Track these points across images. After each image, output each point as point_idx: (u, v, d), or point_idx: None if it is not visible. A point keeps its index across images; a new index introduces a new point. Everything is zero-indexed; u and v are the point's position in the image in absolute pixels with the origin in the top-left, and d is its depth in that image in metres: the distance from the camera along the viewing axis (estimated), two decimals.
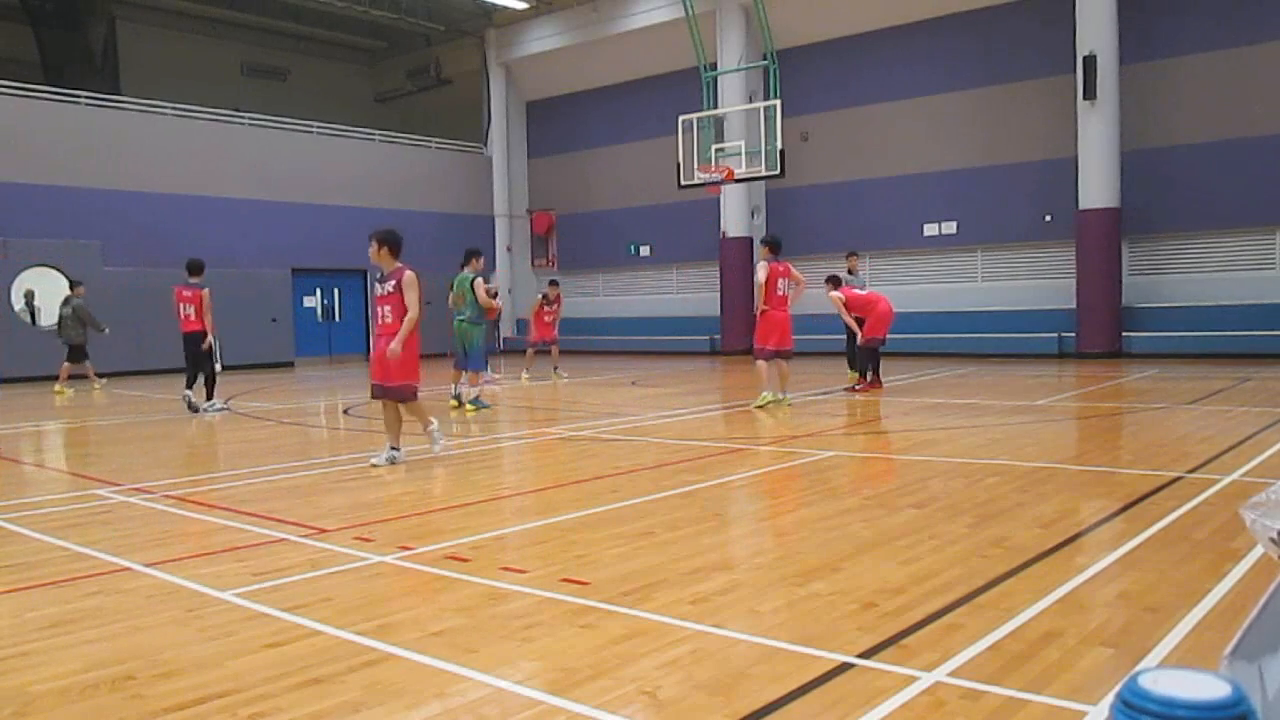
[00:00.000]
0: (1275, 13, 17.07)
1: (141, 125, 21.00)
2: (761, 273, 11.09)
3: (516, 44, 26.53)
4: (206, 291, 12.13)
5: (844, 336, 13.89)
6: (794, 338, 11.63)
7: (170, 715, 2.88)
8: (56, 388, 16.22)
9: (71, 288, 16.82)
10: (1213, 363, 16.19)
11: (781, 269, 11.24)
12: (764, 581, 4.17)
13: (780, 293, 11.21)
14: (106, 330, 16.73)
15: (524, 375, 16.56)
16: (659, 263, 25.68)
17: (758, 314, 11.30)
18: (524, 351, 17.82)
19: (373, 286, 8.17)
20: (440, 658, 3.29)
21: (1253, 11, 17.27)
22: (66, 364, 16.38)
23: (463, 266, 11.87)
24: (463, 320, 11.73)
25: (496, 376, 15.71)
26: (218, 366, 12.79)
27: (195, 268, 12.31)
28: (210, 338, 12.12)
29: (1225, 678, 1.10)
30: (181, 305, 12.20)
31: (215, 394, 12.52)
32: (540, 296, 17.15)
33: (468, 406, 11.65)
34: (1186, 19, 17.88)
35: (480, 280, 11.73)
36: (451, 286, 11.94)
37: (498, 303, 13.10)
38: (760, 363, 11.33)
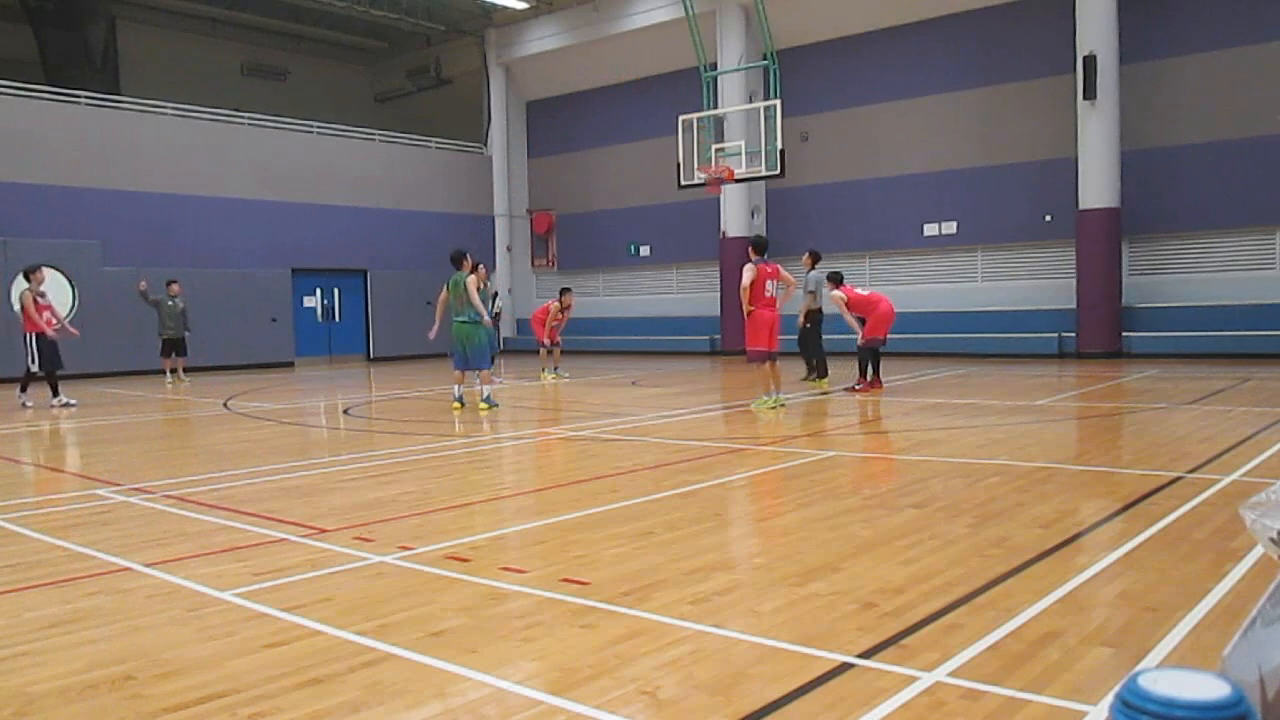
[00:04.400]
0: (1275, 13, 17.08)
1: (141, 125, 20.99)
2: (747, 276, 10.99)
3: (516, 44, 26.53)
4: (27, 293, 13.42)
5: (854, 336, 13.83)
6: (780, 338, 11.62)
7: (170, 715, 2.88)
8: (170, 382, 17.59)
9: (168, 285, 17.81)
10: (1213, 363, 16.20)
11: (770, 270, 11.17)
12: (764, 581, 4.17)
13: (769, 294, 11.16)
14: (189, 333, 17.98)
15: (546, 375, 16.51)
16: (659, 263, 25.68)
17: (745, 315, 11.26)
18: (537, 352, 17.71)
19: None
20: (440, 658, 3.29)
21: (1253, 11, 17.27)
22: (176, 357, 17.76)
23: (456, 268, 11.78)
24: (463, 321, 11.67)
25: (498, 381, 15.66)
26: (33, 367, 13.64)
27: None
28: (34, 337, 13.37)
29: (1225, 678, 1.10)
30: (47, 311, 13.53)
31: (28, 390, 13.69)
32: (556, 302, 17.01)
33: (480, 404, 11.67)
34: (1186, 19, 17.88)
35: (473, 279, 11.63)
36: (446, 288, 11.86)
37: (497, 305, 13.22)
38: (764, 365, 11.27)
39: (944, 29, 20.58)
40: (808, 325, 13.98)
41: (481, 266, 15.09)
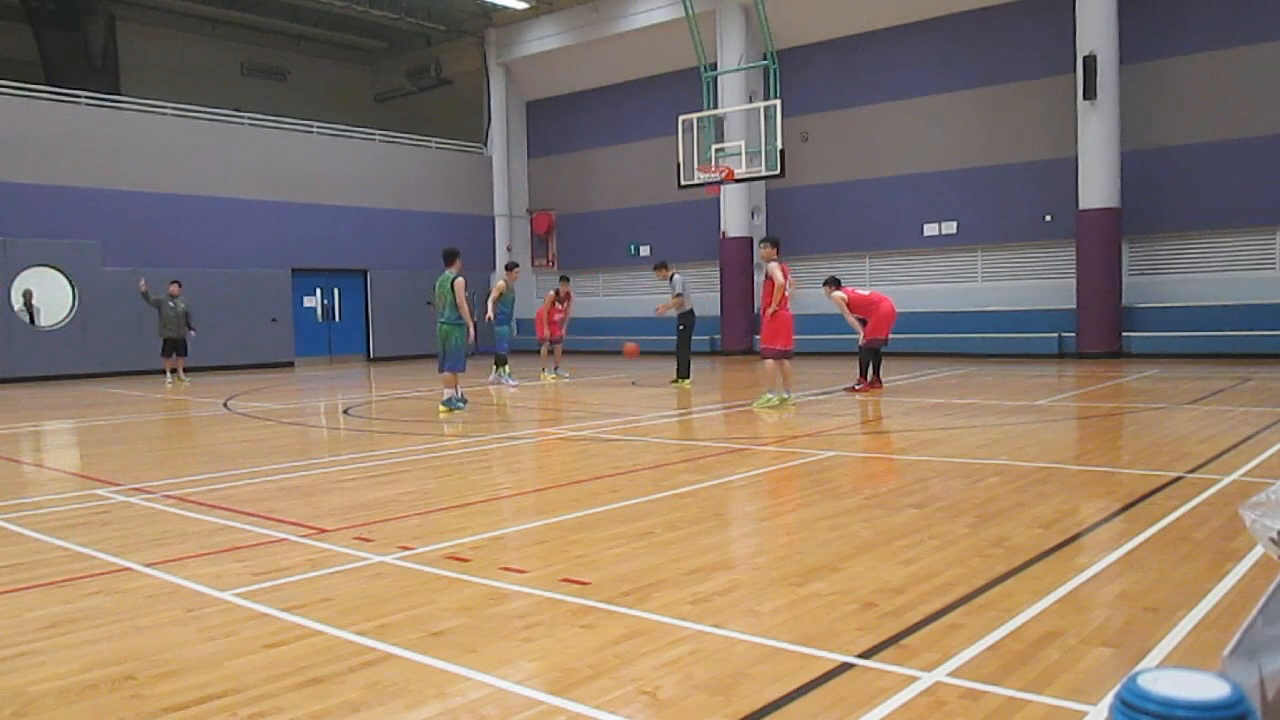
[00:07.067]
0: (1275, 13, 17.08)
1: (141, 125, 20.99)
2: (779, 273, 11.07)
3: (516, 44, 26.53)
4: None
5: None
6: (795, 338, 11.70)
7: (170, 715, 2.88)
8: (170, 382, 17.45)
9: (170, 285, 17.72)
10: (1213, 363, 16.20)
11: (785, 268, 11.27)
12: (764, 581, 4.17)
13: (787, 293, 11.23)
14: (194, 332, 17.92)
15: (546, 375, 16.53)
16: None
17: (768, 315, 11.26)
18: (537, 352, 17.80)
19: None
20: (440, 658, 3.29)
21: (1253, 11, 17.27)
22: (176, 357, 17.64)
23: (446, 266, 11.68)
24: (443, 322, 11.55)
25: (513, 384, 15.59)
26: None
27: None
28: None
29: (1225, 678, 1.10)
30: None
31: None
32: (552, 293, 17.05)
33: (440, 408, 11.49)
34: (1186, 19, 17.88)
35: (461, 281, 11.42)
36: (434, 288, 11.78)
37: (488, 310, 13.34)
38: (769, 362, 11.31)
39: (944, 29, 20.57)
40: (681, 327, 14.71)
41: (516, 268, 16.15)
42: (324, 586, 4.23)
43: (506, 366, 15.98)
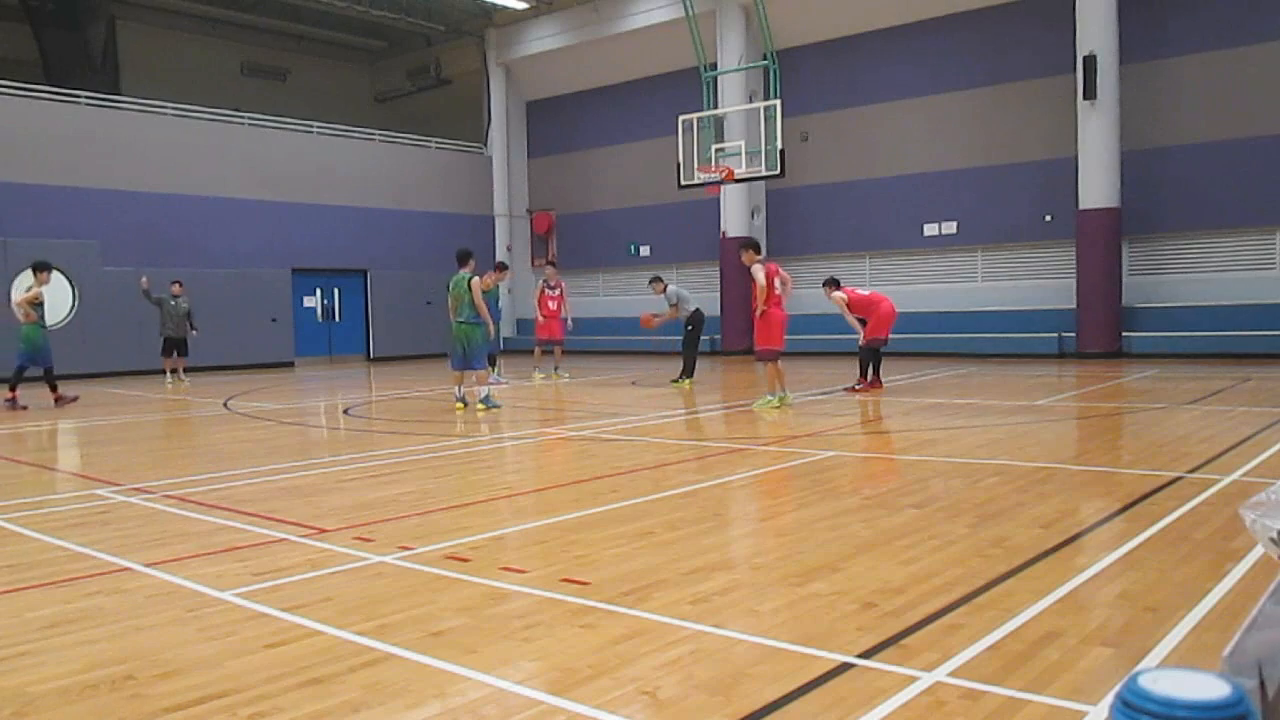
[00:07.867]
0: (1275, 13, 17.08)
1: (141, 125, 20.99)
2: (761, 274, 11.09)
3: (516, 44, 26.53)
4: None
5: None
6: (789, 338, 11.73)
7: (170, 715, 2.88)
8: (170, 382, 17.48)
9: (172, 285, 17.74)
10: (1213, 363, 16.20)
11: (772, 268, 11.28)
12: (764, 581, 4.17)
13: (776, 292, 11.25)
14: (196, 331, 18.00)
15: (536, 374, 16.56)
16: (659, 263, 25.63)
17: (756, 316, 11.28)
18: (531, 351, 17.85)
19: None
20: (440, 658, 3.29)
21: (1253, 11, 17.27)
22: (177, 356, 17.67)
23: (460, 267, 11.80)
24: (461, 322, 11.68)
25: (502, 381, 15.66)
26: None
27: None
28: None
29: (1225, 678, 1.10)
30: None
31: None
32: (541, 283, 17.01)
33: (479, 406, 11.65)
34: (1186, 19, 17.88)
35: (478, 280, 11.67)
36: (449, 288, 11.88)
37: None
38: (769, 364, 11.30)
39: (944, 29, 20.57)
40: (690, 327, 15.15)
41: (509, 271, 15.99)
42: (324, 586, 4.23)
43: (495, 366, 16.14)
